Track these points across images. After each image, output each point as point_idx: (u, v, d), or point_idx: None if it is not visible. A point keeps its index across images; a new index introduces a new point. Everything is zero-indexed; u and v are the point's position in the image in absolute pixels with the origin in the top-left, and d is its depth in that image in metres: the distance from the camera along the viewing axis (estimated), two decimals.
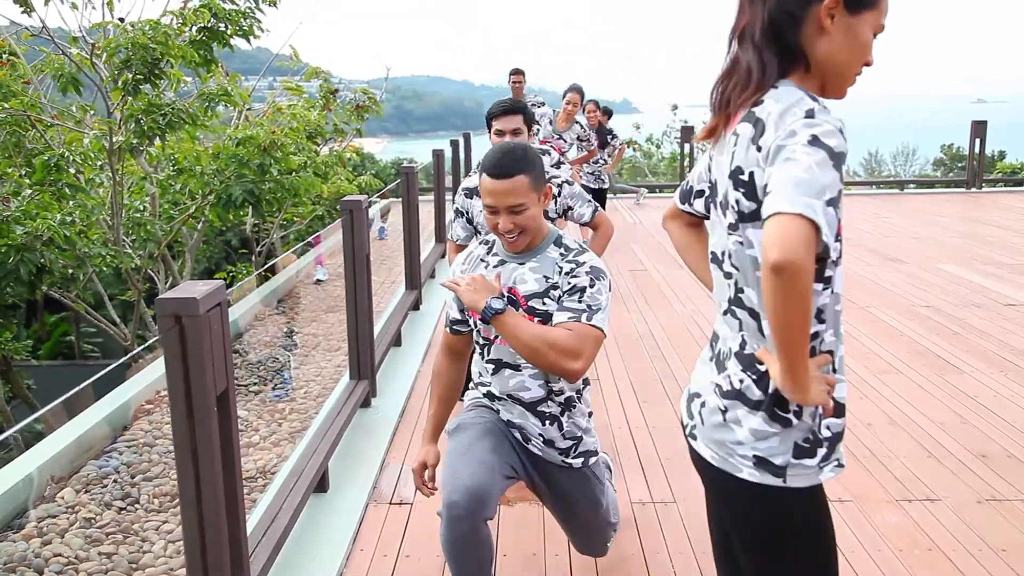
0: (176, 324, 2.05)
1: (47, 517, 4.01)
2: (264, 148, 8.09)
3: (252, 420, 5.55)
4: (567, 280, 2.46)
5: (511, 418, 2.63)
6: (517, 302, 2.50)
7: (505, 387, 2.59)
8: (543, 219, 2.53)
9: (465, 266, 2.67)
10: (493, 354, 2.59)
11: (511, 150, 2.43)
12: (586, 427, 2.68)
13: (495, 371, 2.60)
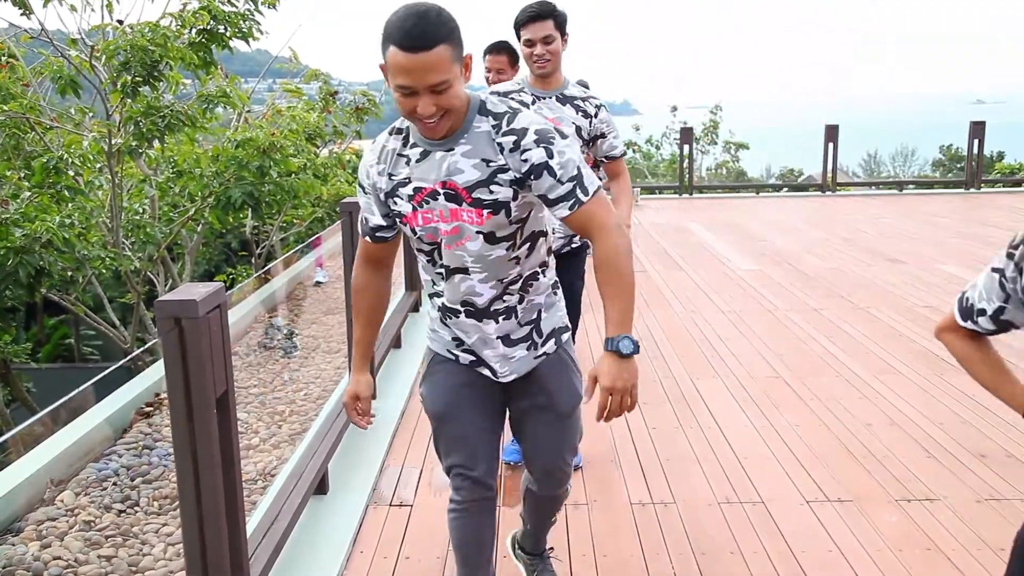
0: (176, 326, 2.05)
1: (46, 520, 4.01)
2: (263, 150, 8.09)
3: (252, 422, 5.55)
4: (519, 160, 2.09)
5: (474, 348, 2.37)
6: (459, 196, 2.13)
7: (457, 294, 2.28)
8: (464, 92, 2.10)
9: (381, 166, 2.23)
10: (444, 260, 2.24)
11: (424, 13, 1.93)
12: (546, 301, 2.38)
13: (446, 277, 2.27)
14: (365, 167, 2.26)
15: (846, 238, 10.10)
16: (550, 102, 3.49)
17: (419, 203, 2.18)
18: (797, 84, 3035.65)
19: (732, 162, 25.82)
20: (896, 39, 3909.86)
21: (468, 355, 2.40)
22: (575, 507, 3.57)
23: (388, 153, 2.23)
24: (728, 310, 6.81)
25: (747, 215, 12.34)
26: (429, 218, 2.18)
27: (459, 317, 2.33)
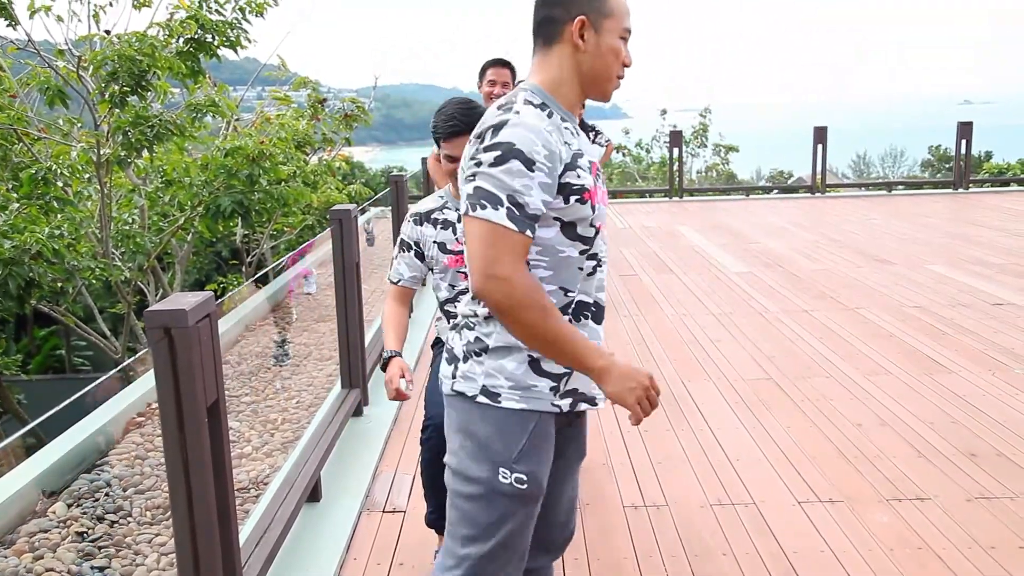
0: (165, 336, 2.05)
1: (39, 532, 4.00)
2: (253, 158, 8.09)
3: (244, 431, 5.54)
4: None
5: None
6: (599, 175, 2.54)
7: (592, 291, 2.13)
8: None
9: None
10: (600, 245, 2.01)
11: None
12: None
13: (593, 271, 2.01)
14: (541, 134, 1.79)
15: (836, 239, 10.13)
16: None
17: (595, 176, 1.94)
18: (785, 87, 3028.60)
19: (722, 165, 25.89)
20: (884, 42, 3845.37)
21: (569, 398, 1.98)
22: None
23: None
24: (719, 312, 6.83)
25: (737, 217, 12.38)
26: (601, 195, 1.98)
27: (588, 320, 2.01)
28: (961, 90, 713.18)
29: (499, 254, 1.73)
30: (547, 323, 1.75)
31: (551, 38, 1.90)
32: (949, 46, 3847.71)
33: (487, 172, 1.76)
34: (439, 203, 2.95)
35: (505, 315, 1.76)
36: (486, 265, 1.73)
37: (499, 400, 1.89)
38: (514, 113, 1.78)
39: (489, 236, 1.74)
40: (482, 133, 1.80)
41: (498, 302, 1.74)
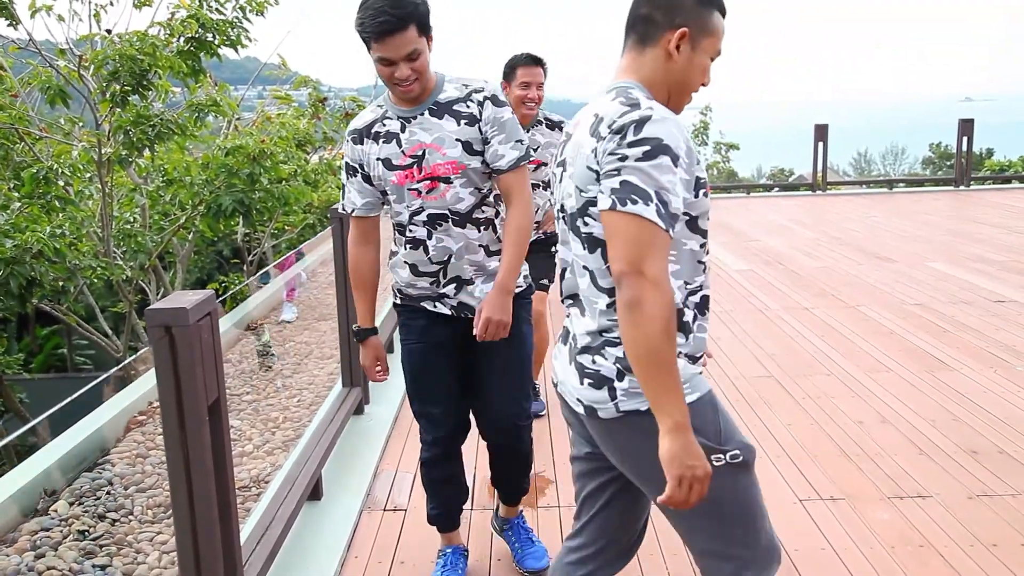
0: (166, 334, 2.05)
1: (40, 530, 4.00)
2: (253, 157, 8.09)
3: (245, 429, 5.55)
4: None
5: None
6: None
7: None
8: None
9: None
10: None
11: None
12: None
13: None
14: (682, 130, 1.90)
15: (837, 237, 10.13)
16: None
17: None
18: (787, 85, 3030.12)
19: (723, 163, 25.88)
20: (887, 40, 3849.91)
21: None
22: (569, 508, 3.58)
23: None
24: (719, 310, 6.82)
25: (738, 215, 12.37)
26: None
27: (707, 314, 2.25)
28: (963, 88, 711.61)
29: (649, 251, 1.66)
30: (666, 343, 1.65)
31: (646, 39, 1.86)
32: (951, 43, 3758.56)
33: (636, 167, 1.69)
34: (378, 113, 2.68)
35: (635, 313, 1.65)
36: (635, 260, 1.66)
37: None
38: (648, 109, 1.73)
39: (639, 232, 1.67)
40: (622, 128, 1.71)
41: (638, 299, 1.65)
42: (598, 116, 1.80)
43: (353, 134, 2.70)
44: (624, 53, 1.92)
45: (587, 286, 1.87)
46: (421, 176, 2.63)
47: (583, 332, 1.89)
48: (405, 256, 2.75)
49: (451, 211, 2.66)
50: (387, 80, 2.53)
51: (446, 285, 2.76)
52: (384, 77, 2.53)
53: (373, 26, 2.41)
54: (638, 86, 1.85)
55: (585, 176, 1.80)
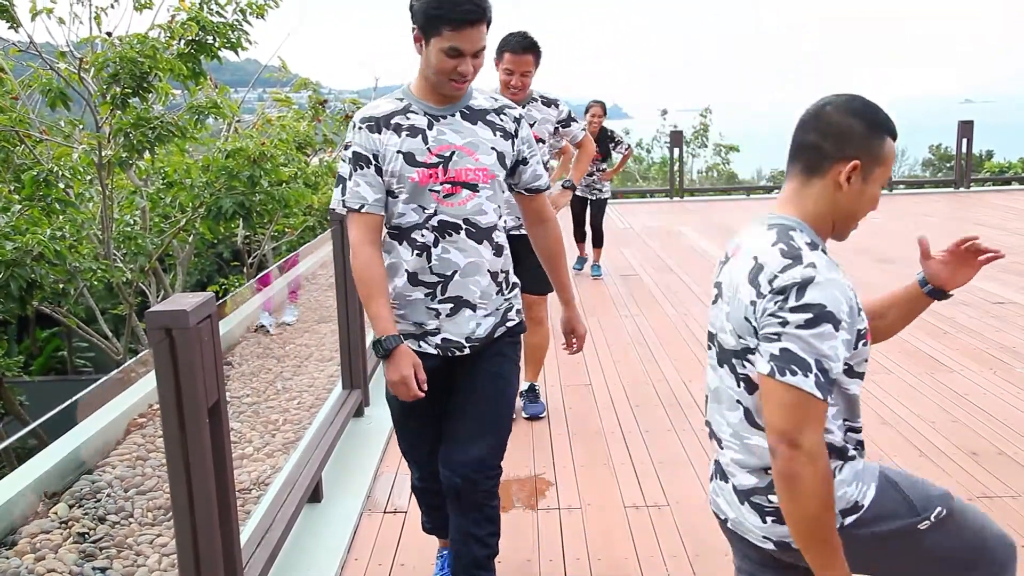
0: (166, 337, 2.05)
1: (40, 533, 4.00)
2: (254, 160, 8.10)
3: (246, 431, 5.54)
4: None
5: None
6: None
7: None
8: None
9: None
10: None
11: None
12: None
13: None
14: (844, 290, 1.95)
15: None
16: None
17: None
18: (786, 87, 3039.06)
19: (723, 165, 25.88)
20: (887, 40, 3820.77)
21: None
22: (569, 511, 3.58)
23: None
24: None
25: (738, 217, 12.37)
26: None
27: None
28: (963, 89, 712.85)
29: (805, 423, 1.64)
30: (825, 515, 1.66)
31: (814, 169, 1.79)
32: (952, 44, 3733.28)
33: (797, 334, 1.65)
34: (398, 105, 2.45)
35: (792, 488, 1.65)
36: (791, 432, 1.64)
37: (861, 504, 1.81)
38: (809, 266, 1.69)
39: (796, 403, 1.65)
40: (784, 290, 1.67)
41: (795, 473, 1.64)
42: (757, 262, 1.75)
43: (369, 121, 2.43)
44: (788, 180, 1.86)
45: (739, 420, 1.85)
46: (444, 178, 2.43)
47: (745, 471, 1.86)
48: (407, 263, 2.48)
49: (468, 221, 2.47)
50: (446, 73, 2.34)
51: (442, 303, 2.50)
52: (444, 69, 2.33)
53: (458, 13, 2.25)
54: (800, 224, 1.80)
55: (743, 326, 1.77)
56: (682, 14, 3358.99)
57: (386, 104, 2.45)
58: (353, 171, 2.42)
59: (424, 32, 2.32)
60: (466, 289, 2.50)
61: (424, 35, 2.33)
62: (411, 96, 2.46)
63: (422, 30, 2.33)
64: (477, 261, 2.50)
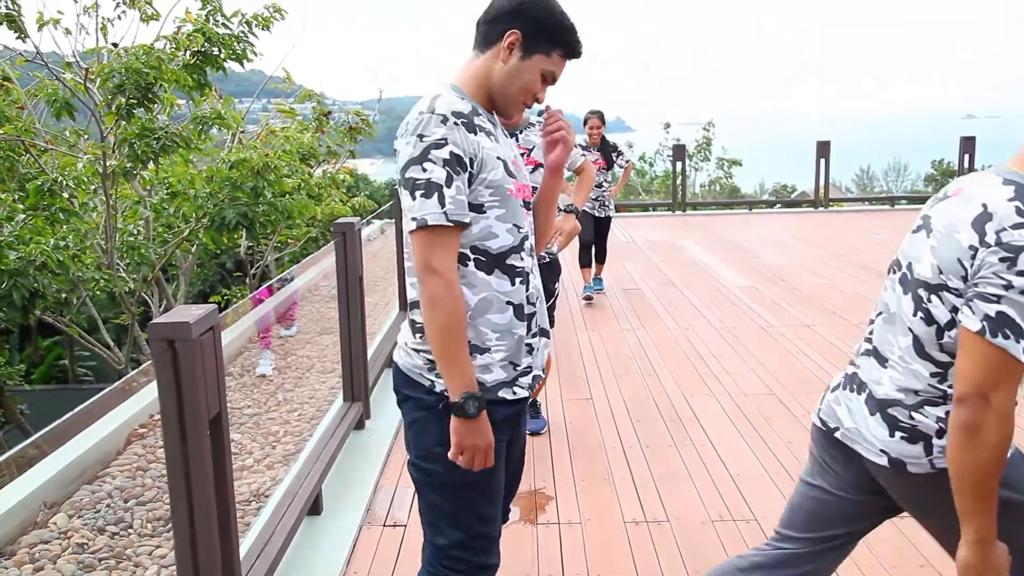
0: (169, 348, 2.06)
1: (39, 543, 4.00)
2: (257, 171, 8.12)
3: (246, 443, 5.54)
4: None
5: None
6: None
7: None
8: None
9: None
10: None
11: None
12: None
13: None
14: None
15: (839, 254, 10.13)
16: None
17: None
18: (789, 102, 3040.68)
19: (725, 178, 25.92)
20: (889, 55, 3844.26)
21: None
22: (569, 525, 3.58)
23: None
24: (721, 327, 6.83)
25: (740, 231, 12.38)
26: None
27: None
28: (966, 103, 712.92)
29: (1004, 382, 1.66)
30: (996, 471, 1.69)
31: None
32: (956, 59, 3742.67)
33: (1019, 301, 1.64)
34: (468, 105, 2.03)
35: (972, 437, 1.67)
36: (985, 386, 1.66)
37: None
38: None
39: (1000, 362, 1.65)
40: (1014, 250, 1.63)
41: (979, 424, 1.66)
42: (987, 210, 1.71)
43: (461, 117, 1.96)
44: None
45: (907, 346, 1.87)
46: (528, 194, 2.17)
47: (894, 387, 1.89)
48: (508, 294, 2.05)
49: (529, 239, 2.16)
50: (525, 94, 2.06)
51: (534, 336, 2.14)
52: (527, 90, 2.05)
53: (577, 44, 2.08)
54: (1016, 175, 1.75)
55: (952, 266, 1.75)
56: (687, 28, 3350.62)
57: (456, 100, 2.00)
58: (451, 176, 1.92)
59: (531, 43, 2.03)
60: (543, 316, 2.19)
61: (528, 46, 2.03)
62: (469, 98, 2.06)
63: (531, 40, 2.02)
64: (539, 284, 2.19)
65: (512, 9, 2.02)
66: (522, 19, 2.01)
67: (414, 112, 1.98)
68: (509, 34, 2.02)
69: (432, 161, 1.90)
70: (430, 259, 1.90)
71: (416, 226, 1.90)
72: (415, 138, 1.91)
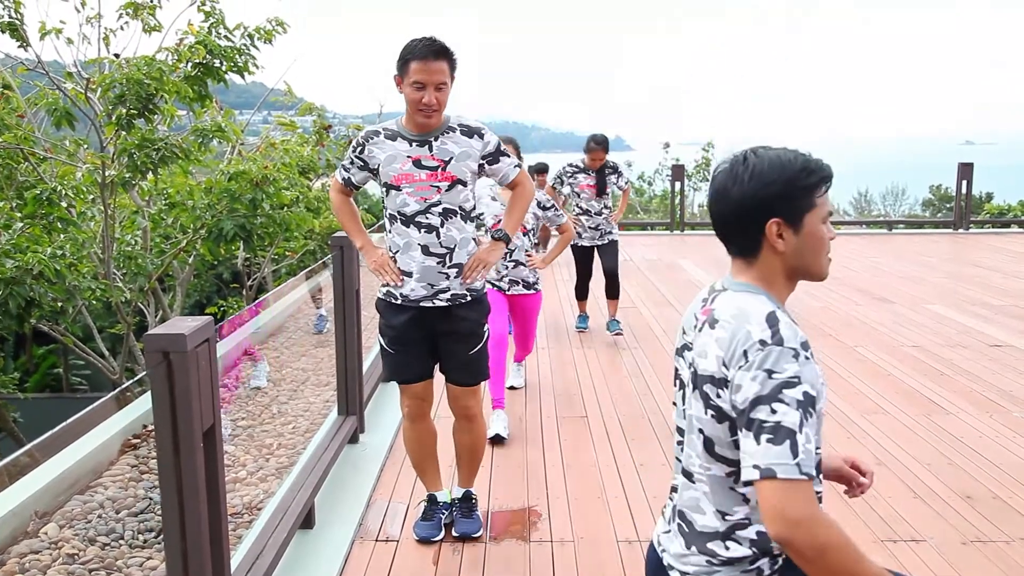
0: (164, 360, 2.06)
1: (30, 553, 3.98)
2: (256, 183, 8.12)
3: (239, 455, 5.53)
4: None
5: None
6: None
7: None
8: None
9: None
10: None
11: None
12: None
13: None
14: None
15: (835, 277, 10.14)
16: None
17: None
18: (787, 125, 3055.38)
19: None
20: (887, 81, 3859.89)
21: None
22: (561, 544, 3.56)
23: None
24: None
25: None
26: None
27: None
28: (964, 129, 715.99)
29: None
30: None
31: None
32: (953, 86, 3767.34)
33: None
34: None
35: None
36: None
37: None
38: None
39: None
40: None
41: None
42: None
43: None
44: None
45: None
46: None
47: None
48: None
49: None
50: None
51: None
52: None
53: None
54: None
55: None
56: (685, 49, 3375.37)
57: None
58: None
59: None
60: None
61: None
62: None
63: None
64: None
65: None
66: None
67: None
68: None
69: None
70: (788, 512, 1.52)
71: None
72: None
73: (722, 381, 1.65)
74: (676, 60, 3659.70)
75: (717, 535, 1.73)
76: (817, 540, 1.50)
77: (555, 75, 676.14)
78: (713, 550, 1.73)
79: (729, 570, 1.74)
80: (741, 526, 1.72)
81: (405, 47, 3.14)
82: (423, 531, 3.61)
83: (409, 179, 3.23)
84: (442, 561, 3.44)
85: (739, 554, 1.71)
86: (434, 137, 3.24)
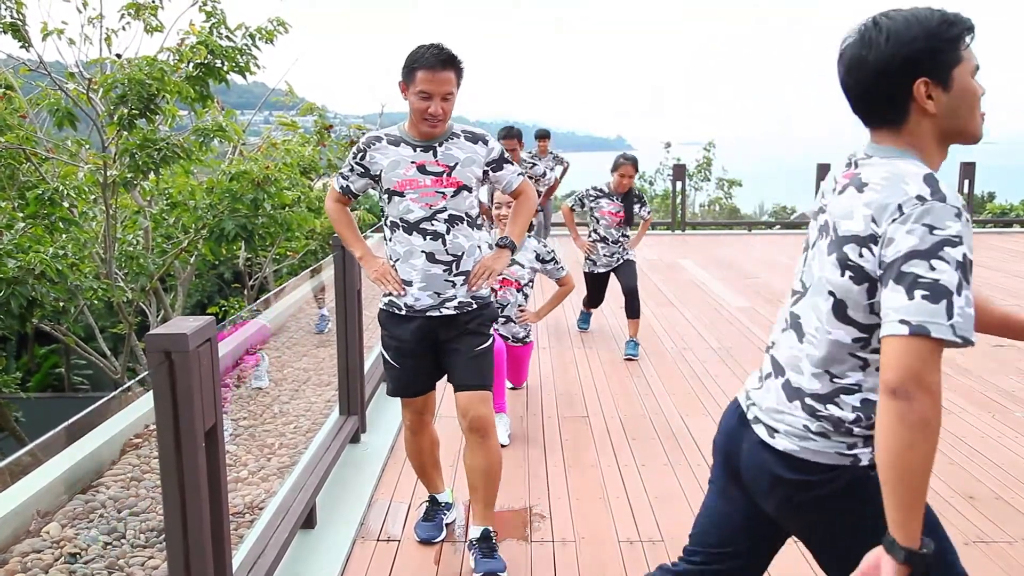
0: (166, 360, 2.06)
1: (32, 552, 3.98)
2: (258, 183, 8.13)
3: (241, 455, 5.53)
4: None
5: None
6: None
7: None
8: None
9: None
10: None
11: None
12: None
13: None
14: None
15: None
16: None
17: None
18: (791, 122, 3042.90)
19: (725, 199, 25.95)
20: None
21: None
22: (563, 543, 3.56)
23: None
24: (719, 347, 6.82)
25: (739, 252, 12.40)
26: None
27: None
28: None
29: None
30: None
31: None
32: None
33: None
34: None
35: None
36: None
37: None
38: None
39: None
40: None
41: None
42: None
43: None
44: None
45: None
46: None
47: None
48: None
49: None
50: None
51: None
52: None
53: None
54: None
55: None
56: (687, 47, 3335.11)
57: None
58: None
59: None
60: None
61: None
62: None
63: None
64: None
65: None
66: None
67: None
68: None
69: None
70: (923, 373, 1.51)
71: None
72: None
73: (869, 238, 1.58)
74: (676, 60, 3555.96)
75: (817, 396, 1.72)
76: (931, 411, 1.47)
77: (555, 75, 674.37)
78: (813, 406, 1.73)
79: (825, 443, 1.73)
80: (849, 391, 1.70)
81: (411, 54, 3.06)
82: (424, 532, 3.61)
83: (413, 185, 3.15)
84: (443, 561, 3.44)
85: (839, 415, 1.70)
86: (439, 142, 3.21)
